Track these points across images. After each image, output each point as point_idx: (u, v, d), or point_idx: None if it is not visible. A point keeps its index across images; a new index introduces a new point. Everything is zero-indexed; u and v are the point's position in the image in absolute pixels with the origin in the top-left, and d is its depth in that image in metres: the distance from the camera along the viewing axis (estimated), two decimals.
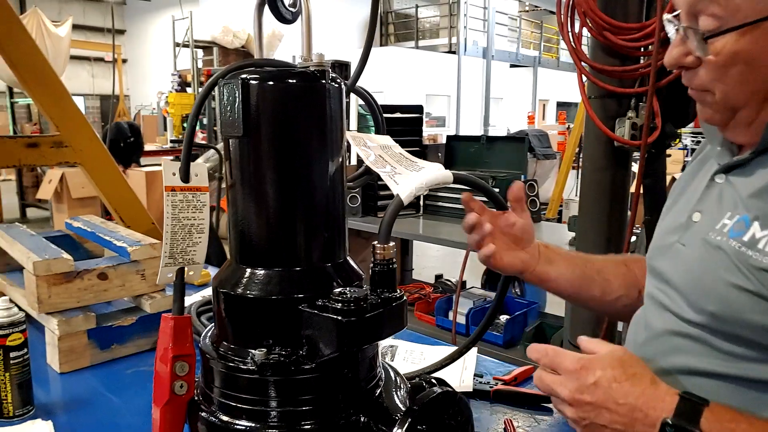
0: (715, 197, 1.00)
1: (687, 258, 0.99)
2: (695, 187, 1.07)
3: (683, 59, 0.96)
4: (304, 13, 0.94)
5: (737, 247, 0.90)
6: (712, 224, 0.97)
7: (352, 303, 0.85)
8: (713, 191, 1.01)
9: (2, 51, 2.58)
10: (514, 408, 1.34)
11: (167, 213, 0.99)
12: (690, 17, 0.93)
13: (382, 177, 1.00)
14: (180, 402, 0.98)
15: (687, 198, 1.08)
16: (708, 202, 1.01)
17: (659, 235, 1.12)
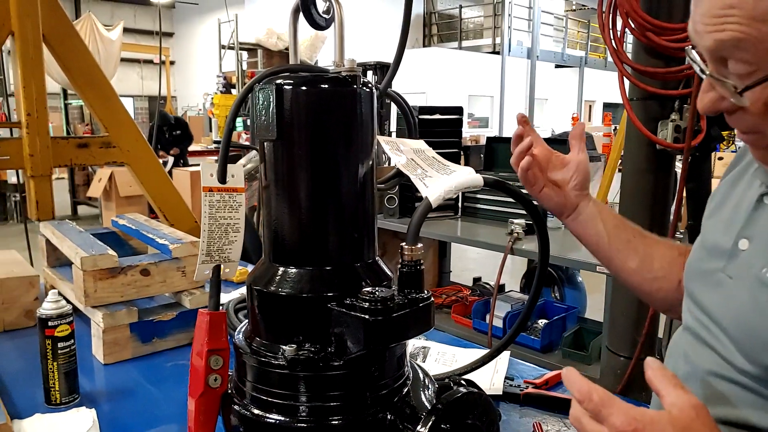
0: (764, 224, 0.91)
1: (736, 296, 0.90)
2: (738, 202, 0.99)
3: (719, 105, 0.86)
4: (336, 20, 0.97)
5: None
6: (765, 259, 0.87)
7: (379, 302, 0.87)
8: (761, 216, 0.92)
9: (57, 56, 2.68)
10: (544, 412, 1.35)
11: (205, 212, 1.03)
12: (716, 63, 0.84)
13: (412, 180, 1.02)
14: (214, 395, 1.02)
15: (730, 214, 0.99)
16: (757, 228, 0.92)
17: (699, 254, 1.04)
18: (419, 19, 20.04)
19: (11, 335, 1.83)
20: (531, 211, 1.17)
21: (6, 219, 10.51)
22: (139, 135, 2.91)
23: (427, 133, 4.22)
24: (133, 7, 22.83)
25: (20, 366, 1.61)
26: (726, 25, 0.77)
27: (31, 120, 2.59)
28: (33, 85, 2.59)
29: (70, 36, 2.72)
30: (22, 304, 1.87)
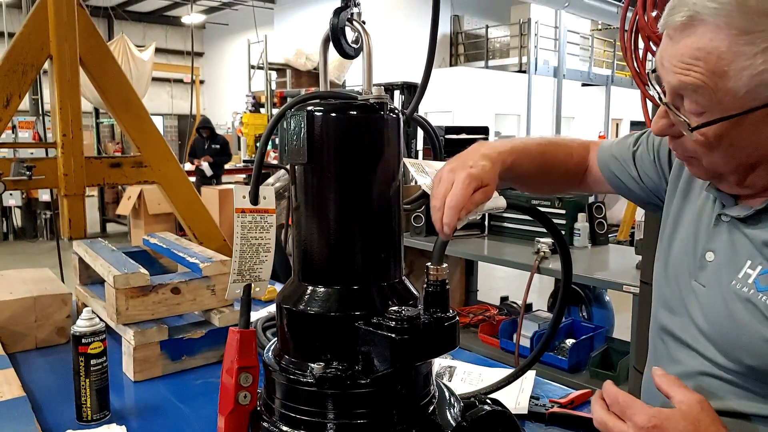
0: (725, 240, 1.03)
1: (711, 304, 1.02)
2: (696, 217, 1.10)
3: (668, 130, 0.99)
4: (365, 50, 1.01)
5: (766, 301, 0.94)
6: (733, 271, 0.99)
7: (405, 321, 0.90)
8: (721, 230, 1.04)
9: (93, 78, 2.76)
10: (570, 431, 1.35)
11: (237, 233, 1.06)
12: (674, 96, 0.96)
13: None
14: (243, 411, 1.04)
15: (691, 228, 1.11)
16: (719, 243, 1.04)
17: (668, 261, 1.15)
18: (446, 39, 20.14)
19: (43, 352, 1.87)
20: (553, 231, 1.18)
21: (36, 236, 10.71)
22: (170, 155, 2.97)
23: (454, 153, 4.22)
24: (164, 28, 23.31)
25: (52, 383, 1.64)
26: (691, 72, 0.90)
27: (67, 140, 2.67)
28: (69, 107, 2.66)
29: (105, 59, 2.80)
30: (54, 321, 1.92)
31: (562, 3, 17.63)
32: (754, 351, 0.94)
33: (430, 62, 1.07)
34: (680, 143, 1.00)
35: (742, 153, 0.94)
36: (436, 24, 1.08)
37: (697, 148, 0.96)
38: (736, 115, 0.90)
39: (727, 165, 0.97)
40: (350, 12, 1.02)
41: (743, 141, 0.93)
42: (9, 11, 11.07)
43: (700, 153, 0.97)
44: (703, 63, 0.89)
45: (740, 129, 0.91)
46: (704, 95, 0.90)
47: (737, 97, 0.89)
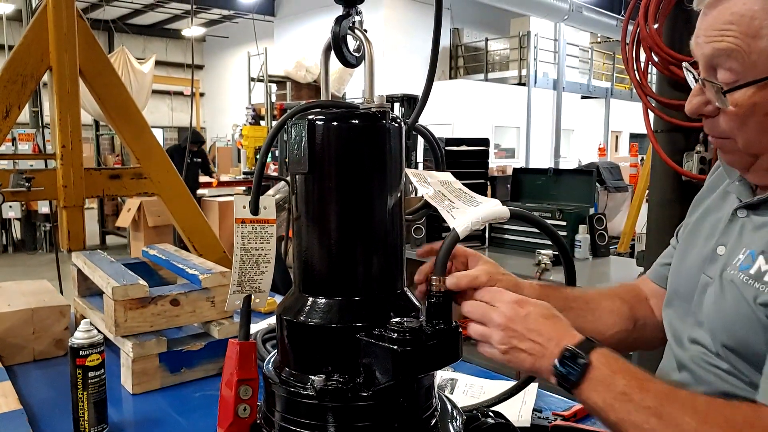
0: (736, 232, 1.05)
1: (711, 293, 1.04)
2: (717, 218, 1.12)
3: (703, 108, 1.00)
4: (367, 59, 1.00)
5: (744, 279, 0.96)
6: (731, 259, 1.02)
7: (407, 333, 0.88)
8: (735, 226, 1.06)
9: (93, 90, 2.76)
10: None
11: (237, 243, 1.05)
12: (708, 69, 0.97)
13: (440, 212, 1.03)
14: (243, 425, 1.02)
15: (709, 230, 1.13)
16: (730, 236, 1.06)
17: (685, 268, 1.15)
18: (446, 51, 20.20)
19: (41, 365, 1.85)
20: (557, 242, 1.18)
21: (36, 249, 10.69)
22: (170, 166, 2.96)
23: (454, 164, 4.24)
24: (164, 41, 23.39)
25: (50, 395, 1.63)
26: (724, 37, 0.92)
27: (66, 152, 2.66)
28: (69, 119, 2.66)
29: (105, 71, 2.80)
30: (52, 333, 1.90)
31: (562, 16, 17.72)
32: (729, 328, 0.97)
33: (432, 72, 1.06)
34: (715, 123, 0.99)
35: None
36: (438, 34, 1.07)
37: (731, 123, 0.96)
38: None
39: (762, 140, 0.96)
40: (352, 20, 1.01)
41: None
42: (9, 24, 11.10)
43: (734, 129, 0.96)
44: (737, 26, 0.90)
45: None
46: (738, 59, 0.91)
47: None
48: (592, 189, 4.22)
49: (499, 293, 1.01)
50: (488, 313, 0.99)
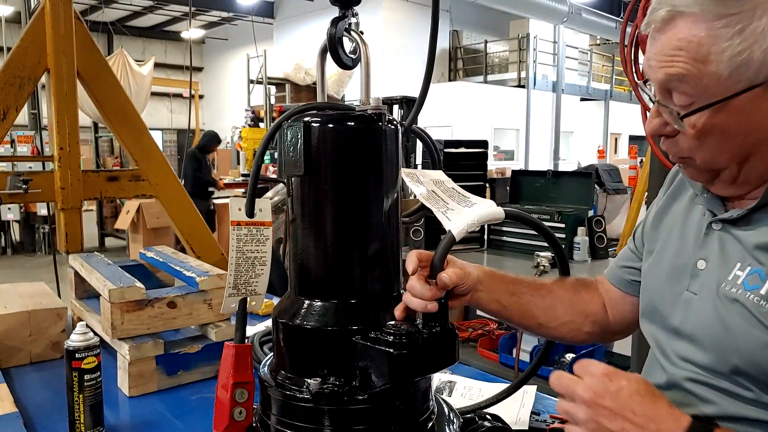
0: (716, 246, 1.03)
1: (702, 309, 1.01)
2: (687, 230, 1.11)
3: (662, 129, 1.00)
4: (363, 60, 0.99)
5: (755, 300, 0.93)
6: (723, 275, 0.99)
7: (404, 336, 0.88)
8: (712, 239, 1.04)
9: (90, 92, 2.76)
10: None
11: (232, 246, 1.05)
12: (663, 92, 0.98)
13: (435, 213, 1.02)
14: (239, 428, 1.02)
15: (679, 242, 1.11)
16: (710, 250, 1.04)
17: (660, 278, 1.13)
18: (445, 53, 20.20)
19: (38, 367, 1.84)
20: (553, 244, 1.17)
21: (35, 250, 10.68)
22: (168, 168, 2.96)
23: (453, 166, 4.24)
24: (164, 43, 23.39)
25: (46, 398, 1.62)
26: (675, 63, 0.93)
27: (64, 154, 2.66)
28: (66, 121, 2.65)
29: (103, 73, 2.80)
30: (49, 336, 1.89)
31: (561, 18, 17.72)
32: (744, 352, 0.94)
33: (429, 75, 1.05)
34: (674, 143, 1.00)
35: (733, 141, 0.95)
36: (435, 35, 1.07)
37: (690, 143, 0.97)
38: (722, 100, 0.91)
39: (720, 157, 0.97)
40: (348, 22, 1.01)
41: (733, 128, 0.94)
42: (9, 26, 11.10)
43: (693, 149, 0.98)
44: (685, 52, 0.92)
45: (729, 115, 0.93)
46: (690, 83, 0.92)
47: (721, 81, 0.91)
48: (590, 191, 4.22)
49: (588, 364, 0.92)
50: (573, 386, 0.90)
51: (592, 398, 0.87)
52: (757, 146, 0.96)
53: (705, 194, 1.08)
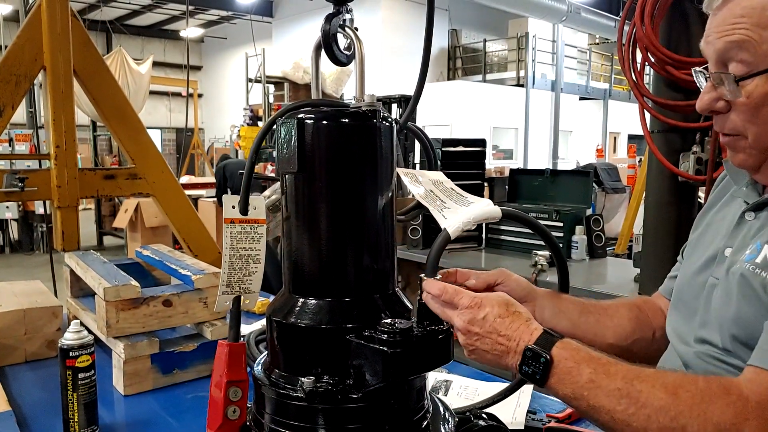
0: (743, 233, 1.06)
1: (718, 292, 1.05)
2: (724, 224, 1.13)
3: (714, 104, 1.02)
4: (357, 56, 0.99)
5: (751, 269, 0.96)
6: (737, 256, 1.03)
7: (398, 334, 0.87)
8: (743, 228, 1.07)
9: (87, 90, 2.75)
10: None
11: (226, 244, 1.04)
12: (719, 65, 0.99)
13: (431, 212, 1.02)
14: (232, 427, 1.01)
15: (713, 235, 1.15)
16: (738, 237, 1.07)
17: (690, 270, 1.16)
18: (444, 52, 20.20)
19: (33, 365, 1.84)
20: (549, 242, 1.17)
21: (33, 249, 10.67)
22: (165, 167, 2.95)
23: (451, 165, 4.23)
24: (163, 42, 23.37)
25: (41, 397, 1.61)
26: (736, 30, 0.95)
27: (60, 152, 2.65)
28: (63, 119, 2.65)
29: (100, 71, 2.79)
30: (44, 334, 1.89)
31: (560, 17, 17.71)
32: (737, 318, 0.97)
33: (424, 73, 1.05)
34: (726, 119, 1.01)
35: None
36: (431, 32, 1.06)
37: (744, 116, 0.98)
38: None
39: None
40: (342, 18, 1.00)
41: None
42: (8, 25, 11.09)
43: (746, 122, 0.98)
44: (748, 18, 0.93)
45: None
46: (749, 50, 0.94)
47: None
48: (589, 190, 4.21)
49: (457, 296, 1.00)
50: (450, 318, 1.00)
51: (465, 327, 0.98)
52: None
53: (745, 187, 1.10)
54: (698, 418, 0.78)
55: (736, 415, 0.77)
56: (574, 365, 0.90)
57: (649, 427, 0.81)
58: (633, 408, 0.82)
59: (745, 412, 0.77)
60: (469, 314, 0.98)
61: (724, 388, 0.81)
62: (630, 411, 0.82)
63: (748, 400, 0.78)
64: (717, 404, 0.78)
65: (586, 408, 0.88)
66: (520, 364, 0.93)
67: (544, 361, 0.91)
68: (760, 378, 0.80)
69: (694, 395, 0.81)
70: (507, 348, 0.95)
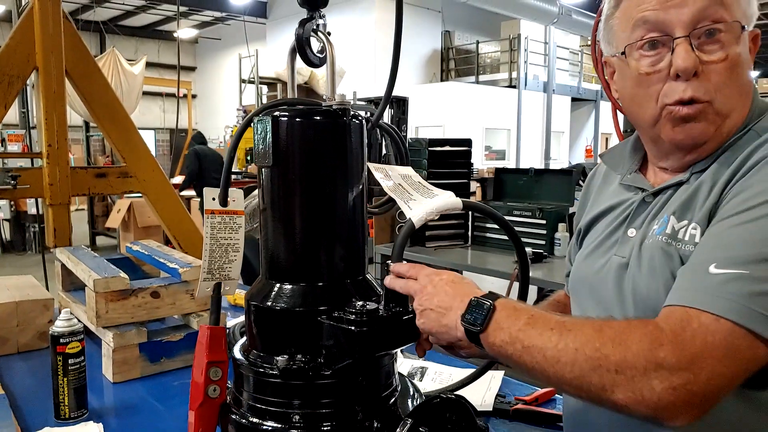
0: (644, 214, 1.12)
1: (632, 268, 1.08)
2: (619, 212, 1.18)
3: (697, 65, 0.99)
4: (328, 60, 1.06)
5: (664, 240, 1.02)
6: (647, 232, 1.08)
7: (365, 315, 0.95)
8: (642, 210, 1.12)
9: (79, 90, 2.81)
10: (532, 426, 1.40)
11: (207, 233, 1.11)
12: (693, 26, 0.99)
13: (398, 203, 1.09)
14: (213, 405, 1.08)
15: (610, 221, 1.19)
16: (640, 219, 1.12)
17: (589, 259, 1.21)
18: (437, 54, 20.28)
19: (25, 356, 1.90)
20: (508, 231, 1.23)
21: (25, 249, 10.68)
22: (156, 165, 3.01)
23: (438, 164, 4.30)
24: (157, 42, 23.36)
25: (32, 385, 1.68)
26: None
27: (52, 151, 2.71)
28: (54, 118, 2.71)
29: (91, 71, 2.85)
30: (36, 326, 1.95)
31: (551, 19, 17.82)
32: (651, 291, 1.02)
33: (393, 75, 1.10)
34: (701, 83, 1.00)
35: (745, 80, 1.02)
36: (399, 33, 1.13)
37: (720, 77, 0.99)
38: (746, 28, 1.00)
39: (737, 95, 1.01)
40: (315, 23, 1.07)
41: (746, 64, 1.02)
42: (0, 26, 11.10)
43: (720, 84, 0.99)
44: None
45: (744, 48, 1.00)
46: (728, 9, 0.98)
47: (743, 10, 1.00)
48: (572, 189, 4.28)
49: (421, 269, 1.07)
50: (410, 285, 1.05)
51: (420, 289, 1.02)
52: (744, 98, 1.02)
53: (630, 174, 1.18)
54: (619, 347, 0.84)
55: (652, 342, 0.83)
56: (513, 312, 0.94)
57: (577, 359, 0.86)
58: (562, 343, 0.87)
59: (660, 339, 0.83)
60: (426, 278, 1.04)
61: (642, 323, 0.87)
62: (560, 346, 0.87)
63: (663, 330, 0.84)
64: (636, 334, 0.85)
65: (519, 350, 0.91)
66: (463, 314, 0.96)
67: (487, 307, 0.94)
68: (673, 313, 0.87)
69: (616, 330, 0.87)
70: (452, 302, 0.99)
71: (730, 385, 0.83)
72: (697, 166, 1.05)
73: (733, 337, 0.82)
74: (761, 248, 0.85)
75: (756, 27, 1.06)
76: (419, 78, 18.89)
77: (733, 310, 0.82)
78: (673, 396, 0.81)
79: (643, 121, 1.09)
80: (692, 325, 0.83)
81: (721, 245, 0.90)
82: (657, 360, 0.81)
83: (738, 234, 0.89)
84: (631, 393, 0.82)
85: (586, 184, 1.37)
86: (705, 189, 1.01)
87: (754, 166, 0.95)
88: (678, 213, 1.02)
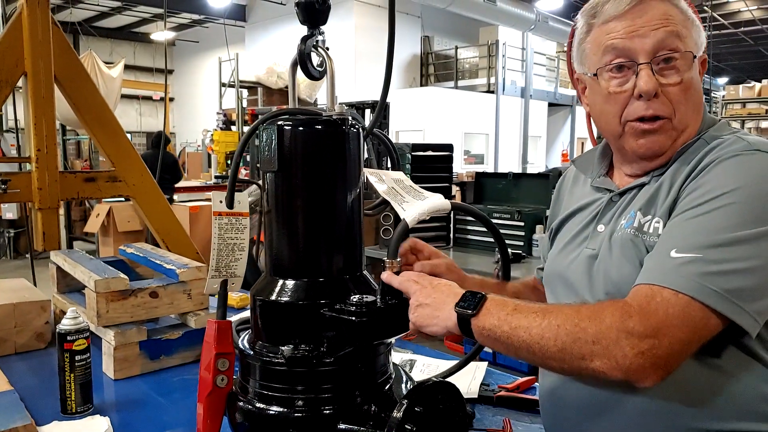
0: (611, 211, 1.24)
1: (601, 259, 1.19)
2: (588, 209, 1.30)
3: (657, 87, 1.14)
4: (328, 73, 1.16)
5: (632, 233, 1.14)
6: (616, 227, 1.20)
7: (363, 306, 1.04)
8: (610, 209, 1.24)
9: (67, 95, 2.85)
10: (514, 411, 1.51)
11: (215, 234, 1.19)
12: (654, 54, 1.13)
13: (392, 205, 1.19)
14: (221, 394, 1.16)
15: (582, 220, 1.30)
16: (607, 215, 1.24)
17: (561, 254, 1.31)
18: (416, 59, 20.43)
19: (23, 357, 1.95)
20: (492, 230, 1.33)
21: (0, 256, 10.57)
22: (145, 169, 3.06)
23: (421, 168, 4.41)
24: (132, 44, 23.22)
25: (34, 383, 1.73)
26: (670, 23, 1.13)
27: (41, 155, 2.75)
28: (44, 123, 2.75)
29: (80, 76, 2.89)
30: (33, 327, 2.00)
31: (529, 26, 18.08)
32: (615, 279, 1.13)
33: (387, 85, 1.20)
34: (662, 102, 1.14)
35: (699, 98, 1.17)
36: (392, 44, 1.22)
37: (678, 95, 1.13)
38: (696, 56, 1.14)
39: (692, 111, 1.16)
40: (315, 39, 1.16)
41: (698, 86, 1.16)
42: None
43: (679, 102, 1.14)
44: (674, 17, 1.13)
45: (695, 73, 1.15)
46: (682, 40, 1.13)
47: (693, 41, 1.14)
48: (549, 192, 4.41)
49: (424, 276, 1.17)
50: (409, 284, 1.14)
51: (419, 289, 1.12)
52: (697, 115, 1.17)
53: (600, 177, 1.31)
54: (595, 320, 0.97)
55: (623, 315, 0.96)
56: (501, 302, 1.06)
57: (559, 334, 0.98)
58: (546, 322, 1.00)
59: (629, 311, 0.97)
60: (427, 281, 1.14)
61: (614, 301, 1.02)
62: (543, 324, 1.00)
63: (631, 305, 0.98)
64: (608, 310, 0.99)
65: (507, 331, 1.02)
66: (457, 303, 1.07)
67: (479, 296, 1.07)
68: (640, 290, 1.01)
69: (592, 309, 1.02)
70: (445, 298, 1.09)
71: (688, 350, 0.97)
72: (657, 171, 1.18)
73: (689, 309, 0.96)
74: (713, 236, 0.99)
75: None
76: (399, 83, 19.03)
77: (689, 287, 0.96)
78: (641, 359, 0.94)
79: (609, 133, 1.23)
80: (656, 299, 0.97)
81: (680, 234, 1.03)
82: (627, 329, 0.95)
83: (694, 224, 1.03)
84: (606, 360, 0.95)
85: (558, 187, 1.49)
86: (665, 188, 1.14)
87: (705, 168, 1.09)
88: (643, 209, 1.15)
